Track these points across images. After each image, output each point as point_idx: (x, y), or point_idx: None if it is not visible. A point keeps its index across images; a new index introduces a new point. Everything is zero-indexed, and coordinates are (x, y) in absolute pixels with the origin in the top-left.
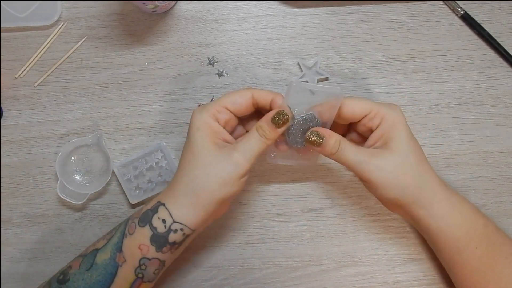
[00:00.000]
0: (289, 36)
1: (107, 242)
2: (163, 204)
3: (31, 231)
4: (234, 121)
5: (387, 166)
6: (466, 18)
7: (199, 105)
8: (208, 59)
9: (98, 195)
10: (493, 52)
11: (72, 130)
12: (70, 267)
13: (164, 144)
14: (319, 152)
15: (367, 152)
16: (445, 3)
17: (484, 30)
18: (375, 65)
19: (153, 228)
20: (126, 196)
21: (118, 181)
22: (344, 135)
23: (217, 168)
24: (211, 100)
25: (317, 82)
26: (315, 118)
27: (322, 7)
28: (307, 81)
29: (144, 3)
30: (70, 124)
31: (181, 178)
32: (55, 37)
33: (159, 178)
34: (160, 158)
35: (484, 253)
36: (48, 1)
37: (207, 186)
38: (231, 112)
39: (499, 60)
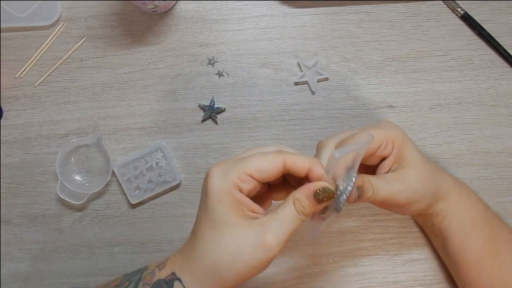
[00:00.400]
0: (289, 36)
1: None
2: (180, 281)
3: (31, 231)
4: (258, 187)
5: (416, 184)
6: (466, 18)
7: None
8: (208, 59)
9: (98, 195)
10: (493, 52)
11: (72, 130)
12: None
13: (164, 144)
14: (359, 202)
15: (395, 180)
16: (445, 3)
17: (484, 30)
18: (375, 65)
19: None
20: (126, 196)
21: (118, 181)
22: None
23: (246, 253)
24: (211, 100)
25: (317, 82)
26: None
27: (322, 7)
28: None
29: (144, 3)
30: (70, 124)
31: (201, 254)
32: (55, 37)
33: (159, 178)
34: (160, 158)
35: (488, 237)
36: (48, 1)
37: (234, 272)
38: (256, 180)
39: (499, 60)
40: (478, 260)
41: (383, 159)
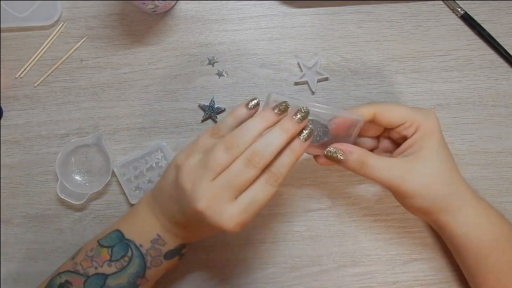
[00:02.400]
0: (289, 36)
1: (120, 271)
2: (188, 244)
3: (31, 231)
4: None
5: (418, 177)
6: (466, 18)
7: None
8: (208, 59)
9: (98, 195)
10: (493, 52)
11: (72, 130)
12: (70, 283)
13: (164, 144)
14: (345, 168)
15: (397, 165)
16: (445, 3)
17: (484, 30)
18: (375, 65)
19: (181, 254)
20: (126, 196)
21: (118, 181)
22: (377, 139)
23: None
24: (211, 100)
25: (317, 82)
26: (322, 121)
27: (322, 7)
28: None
29: (144, 3)
30: (70, 124)
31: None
32: (55, 37)
33: (159, 178)
34: (160, 158)
35: (510, 257)
36: (48, 1)
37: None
38: None
39: (499, 60)
40: (497, 280)
41: (405, 138)
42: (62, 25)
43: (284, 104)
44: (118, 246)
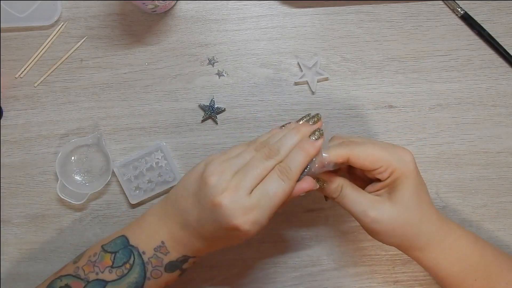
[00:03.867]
0: (289, 36)
1: (119, 279)
2: (194, 257)
3: (31, 231)
4: None
5: (386, 218)
6: (466, 18)
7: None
8: (208, 59)
9: (98, 195)
10: (493, 52)
11: (72, 130)
12: (70, 287)
13: (164, 144)
14: (324, 194)
15: (368, 202)
16: (445, 3)
17: (484, 30)
18: (375, 65)
19: (182, 270)
20: (126, 196)
21: (118, 181)
22: (350, 170)
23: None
24: (211, 100)
25: (317, 82)
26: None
27: (322, 7)
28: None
29: (144, 3)
30: (70, 124)
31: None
32: (55, 37)
33: (159, 178)
34: (160, 158)
35: (484, 284)
36: (48, 1)
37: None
38: None
39: (499, 60)
40: None
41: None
42: (62, 25)
43: (308, 117)
44: (122, 252)
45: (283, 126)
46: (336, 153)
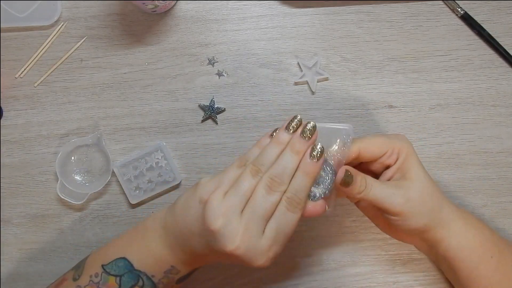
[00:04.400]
0: (289, 36)
1: None
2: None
3: (31, 231)
4: None
5: (414, 195)
6: (466, 18)
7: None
8: (208, 59)
9: (98, 195)
10: (493, 52)
11: (72, 130)
12: None
13: (164, 144)
14: (347, 193)
15: (392, 186)
16: (445, 3)
17: (484, 30)
18: (375, 65)
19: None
20: (126, 196)
21: (118, 181)
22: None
23: None
24: (211, 100)
25: (317, 82)
26: (329, 164)
27: (322, 7)
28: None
29: (144, 3)
30: (70, 124)
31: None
32: (55, 37)
33: (159, 178)
34: (160, 158)
35: (498, 262)
36: (48, 1)
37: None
38: None
39: (499, 60)
40: (490, 286)
41: (387, 167)
42: (62, 25)
43: (296, 121)
44: (128, 276)
45: (272, 134)
46: (351, 152)
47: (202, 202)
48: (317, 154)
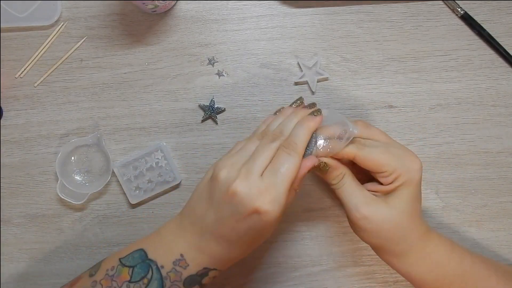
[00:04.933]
0: (289, 36)
1: None
2: (215, 269)
3: (31, 231)
4: None
5: (376, 219)
6: (466, 18)
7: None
8: (208, 59)
9: (98, 195)
10: (493, 52)
11: (72, 130)
12: None
13: (164, 144)
14: (324, 178)
15: (364, 198)
16: (445, 3)
17: (484, 30)
18: (375, 65)
19: (202, 285)
20: (126, 196)
21: (118, 181)
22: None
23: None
24: (211, 100)
25: (317, 82)
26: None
27: (322, 7)
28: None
29: (144, 3)
30: (70, 124)
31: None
32: (55, 37)
33: (159, 178)
34: (160, 158)
35: None
36: (48, 1)
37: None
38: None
39: (499, 60)
40: None
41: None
42: (62, 25)
43: (298, 101)
44: (140, 266)
45: (277, 112)
46: (343, 151)
47: (213, 168)
48: (315, 113)
